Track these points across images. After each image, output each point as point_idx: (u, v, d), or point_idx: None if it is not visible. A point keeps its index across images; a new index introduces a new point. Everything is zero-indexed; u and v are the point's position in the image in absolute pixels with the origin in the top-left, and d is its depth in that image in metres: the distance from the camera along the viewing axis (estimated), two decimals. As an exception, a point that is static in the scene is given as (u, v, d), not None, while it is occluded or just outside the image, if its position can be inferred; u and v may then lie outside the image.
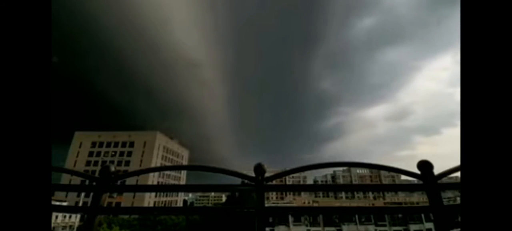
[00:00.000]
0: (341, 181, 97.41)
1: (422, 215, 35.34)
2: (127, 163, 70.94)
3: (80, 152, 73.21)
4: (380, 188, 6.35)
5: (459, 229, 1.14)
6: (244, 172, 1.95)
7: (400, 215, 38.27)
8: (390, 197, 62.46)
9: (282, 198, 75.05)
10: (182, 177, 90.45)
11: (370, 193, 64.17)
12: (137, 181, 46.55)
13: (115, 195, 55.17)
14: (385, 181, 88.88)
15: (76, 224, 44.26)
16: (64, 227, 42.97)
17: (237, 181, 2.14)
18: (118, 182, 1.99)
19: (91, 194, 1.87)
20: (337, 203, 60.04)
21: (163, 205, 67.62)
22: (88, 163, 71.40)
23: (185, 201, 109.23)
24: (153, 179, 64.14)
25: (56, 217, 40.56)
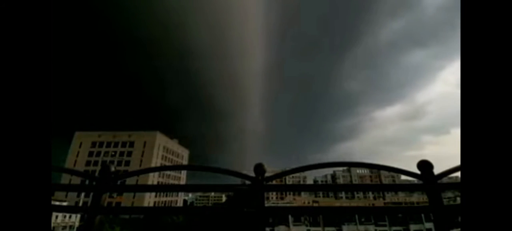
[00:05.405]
0: (341, 181, 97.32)
1: (422, 215, 35.31)
2: (127, 163, 70.84)
3: (80, 152, 73.13)
4: (380, 188, 6.34)
5: (459, 229, 1.14)
6: (244, 171, 1.95)
7: (400, 215, 38.22)
8: (390, 197, 62.42)
9: (282, 198, 75.07)
10: (182, 177, 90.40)
11: (370, 193, 64.14)
12: (137, 181, 46.55)
13: (115, 195, 55.13)
14: (385, 181, 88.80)
15: (76, 224, 44.25)
16: (64, 227, 42.94)
17: (237, 181, 2.13)
18: (118, 182, 1.99)
19: (91, 194, 1.87)
20: (337, 203, 59.98)
21: (163, 205, 67.58)
22: (88, 163, 71.29)
23: (185, 201, 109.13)
24: (153, 179, 64.09)
25: (56, 217, 40.53)
